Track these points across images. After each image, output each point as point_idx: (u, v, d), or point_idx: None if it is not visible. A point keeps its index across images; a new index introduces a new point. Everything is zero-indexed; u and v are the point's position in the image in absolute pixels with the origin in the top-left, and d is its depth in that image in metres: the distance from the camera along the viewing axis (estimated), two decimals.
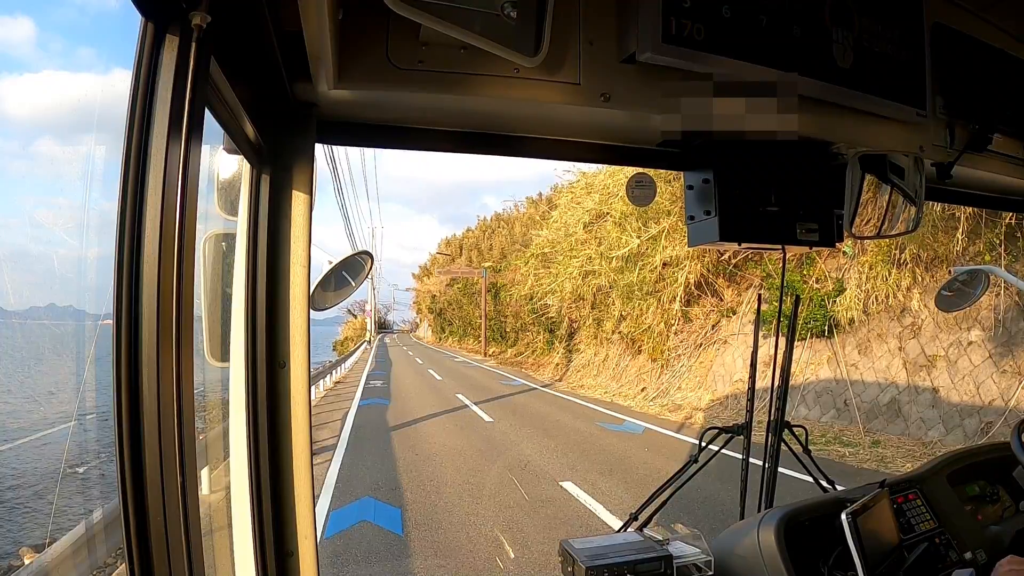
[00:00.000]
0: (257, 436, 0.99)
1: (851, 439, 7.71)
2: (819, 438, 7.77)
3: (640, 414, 11.03)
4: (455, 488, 6.08)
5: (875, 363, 8.42)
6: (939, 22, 1.39)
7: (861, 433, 7.86)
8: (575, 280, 14.30)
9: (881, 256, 8.49)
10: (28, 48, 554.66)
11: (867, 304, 8.69)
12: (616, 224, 12.88)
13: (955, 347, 7.48)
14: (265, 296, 1.00)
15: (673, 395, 11.96)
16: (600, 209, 13.65)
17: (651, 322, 13.01)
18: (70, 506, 5.85)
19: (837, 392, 8.76)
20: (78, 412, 6.25)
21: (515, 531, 4.78)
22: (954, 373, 7.34)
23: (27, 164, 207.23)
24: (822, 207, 1.33)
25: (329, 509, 5.41)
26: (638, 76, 1.09)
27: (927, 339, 7.88)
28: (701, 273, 12.06)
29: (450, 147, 1.23)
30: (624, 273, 12.78)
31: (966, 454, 1.80)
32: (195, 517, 0.65)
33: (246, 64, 0.86)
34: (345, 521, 5.09)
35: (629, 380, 13.99)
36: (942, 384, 7.41)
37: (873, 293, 8.60)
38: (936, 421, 7.23)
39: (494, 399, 13.23)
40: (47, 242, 8.76)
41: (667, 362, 12.89)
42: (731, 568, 1.38)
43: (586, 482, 6.17)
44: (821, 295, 9.37)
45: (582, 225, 14.18)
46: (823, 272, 9.54)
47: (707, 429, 1.75)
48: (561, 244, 15.29)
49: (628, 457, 7.40)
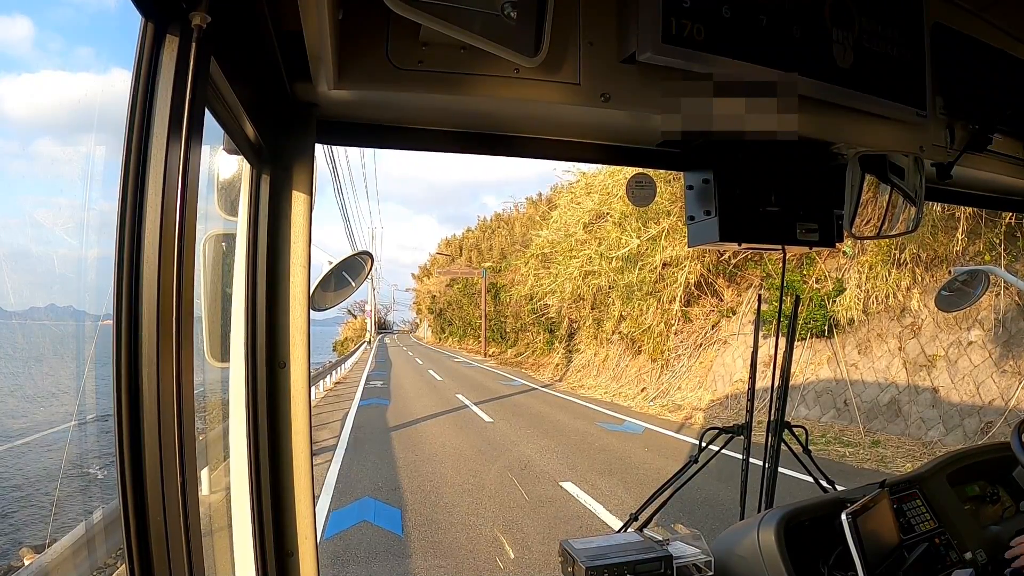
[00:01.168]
0: (257, 436, 0.99)
1: (851, 439, 7.71)
2: (819, 438, 7.77)
3: (640, 414, 11.02)
4: (455, 488, 6.07)
5: (875, 363, 8.42)
6: (939, 22, 1.39)
7: (861, 433, 7.85)
8: (575, 280, 14.28)
9: (881, 256, 8.48)
10: (27, 48, 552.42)
11: (867, 304, 8.68)
12: (616, 224, 12.89)
13: (955, 347, 7.47)
14: (265, 296, 1.00)
15: (673, 395, 11.96)
16: (600, 209, 13.65)
17: (651, 322, 13.01)
18: (70, 506, 5.85)
19: (837, 392, 8.75)
20: (78, 413, 6.24)
21: (515, 531, 4.79)
22: (954, 373, 7.33)
23: (26, 164, 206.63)
24: (822, 207, 1.33)
25: (329, 509, 5.41)
26: (638, 76, 1.09)
27: (927, 339, 7.86)
28: (701, 273, 12.06)
29: (450, 147, 1.23)
30: (624, 273, 12.78)
31: (966, 454, 1.80)
32: (195, 517, 0.65)
33: (246, 64, 0.86)
34: (345, 521, 5.08)
35: (629, 380, 13.98)
36: (942, 384, 7.40)
37: (873, 293, 8.59)
38: (936, 421, 7.22)
39: (494, 399, 13.19)
40: (47, 242, 8.76)
41: (667, 362, 12.89)
42: (731, 568, 1.38)
43: (586, 482, 6.17)
44: (821, 295, 9.36)
45: (582, 225, 14.18)
46: (823, 272, 9.53)
47: (707, 429, 1.75)
48: (561, 244, 15.30)
49: (628, 457, 7.39)
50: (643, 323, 13.18)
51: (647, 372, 13.47)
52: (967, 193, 1.79)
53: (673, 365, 12.68)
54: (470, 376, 19.82)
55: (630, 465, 6.95)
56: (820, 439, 7.73)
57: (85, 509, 4.81)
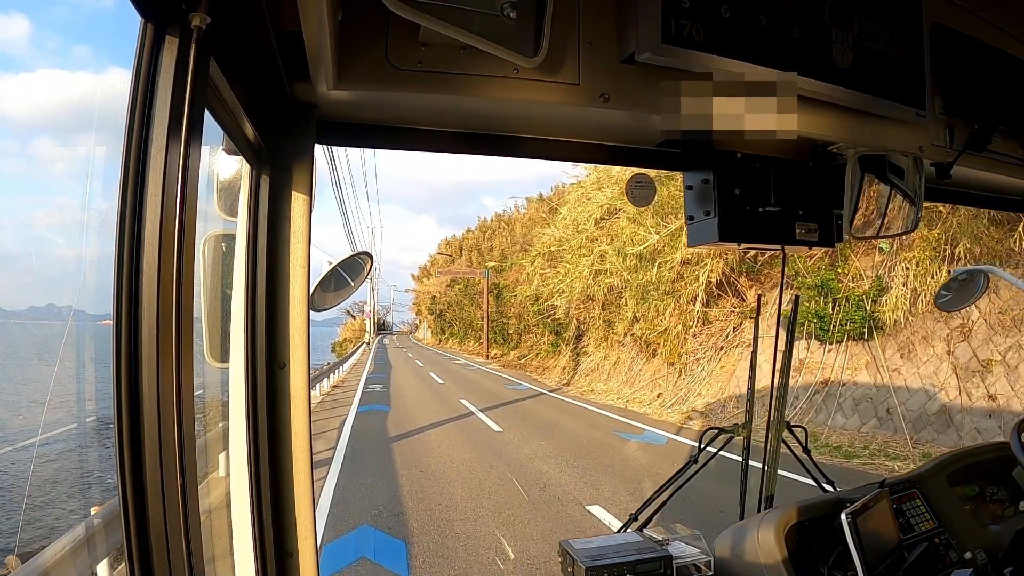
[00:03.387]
0: (257, 437, 0.99)
1: (898, 451, 7.10)
2: (862, 450, 7.25)
3: (659, 422, 10.49)
4: (466, 513, 5.45)
5: (920, 368, 7.74)
6: (938, 22, 1.40)
7: (909, 445, 7.19)
8: (585, 279, 13.77)
9: (929, 252, 7.85)
10: (25, 47, 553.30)
11: (915, 304, 8.01)
12: (631, 220, 12.36)
13: (1014, 350, 6.84)
14: (265, 297, 1.00)
15: (693, 401, 11.28)
16: (613, 204, 13.11)
17: (668, 324, 12.39)
18: (69, 506, 5.84)
19: (878, 400, 8.09)
20: (78, 413, 6.23)
21: (543, 570, 4.20)
22: (1015, 379, 6.70)
23: (26, 164, 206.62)
24: (821, 207, 1.33)
25: (321, 542, 4.71)
26: (637, 76, 1.09)
27: (980, 342, 7.22)
28: (723, 272, 11.50)
29: (450, 148, 1.23)
30: (639, 272, 12.27)
31: (966, 454, 1.80)
32: (195, 517, 0.65)
33: (246, 65, 0.86)
34: (340, 559, 4.43)
35: (643, 385, 13.35)
36: (1001, 391, 6.76)
37: (922, 291, 7.93)
38: (995, 431, 6.55)
39: (501, 405, 12.69)
40: (47, 243, 8.78)
41: (685, 366, 12.24)
42: (731, 568, 1.38)
43: (615, 504, 5.52)
44: (859, 295, 8.65)
45: (593, 221, 13.66)
46: (858, 271, 8.85)
47: (707, 429, 1.76)
48: (570, 242, 14.79)
49: (656, 472, 6.67)
50: (659, 325, 12.57)
51: (663, 376, 12.77)
52: (967, 193, 1.79)
53: (692, 369, 12.04)
54: (473, 379, 19.27)
55: (661, 481, 6.23)
56: (863, 451, 7.21)
57: (84, 509, 4.75)
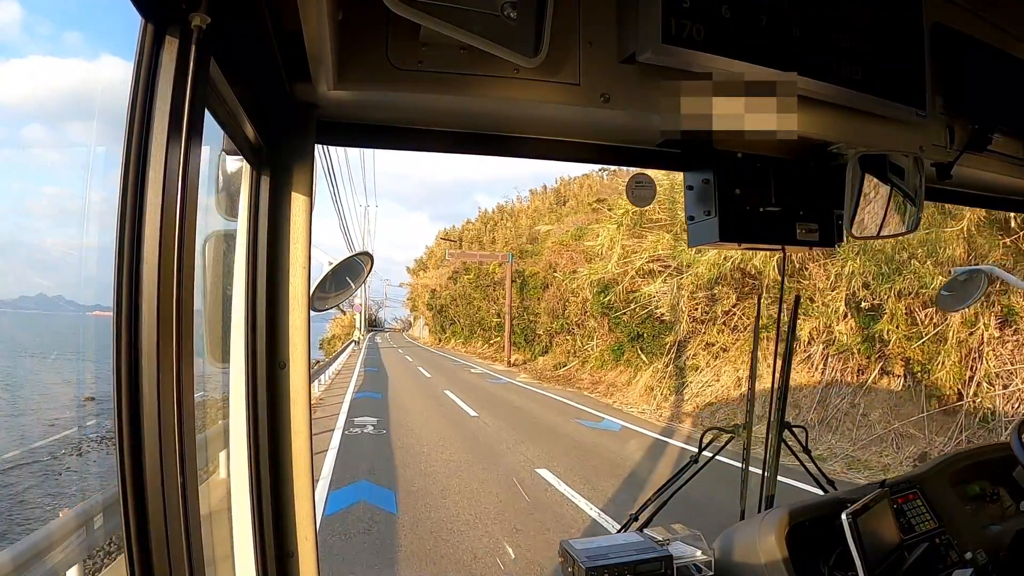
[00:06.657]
0: (257, 437, 0.99)
1: None
2: None
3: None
4: None
5: None
6: (939, 22, 1.39)
7: None
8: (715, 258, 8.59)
9: None
10: (24, 46, 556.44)
11: None
12: None
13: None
14: (265, 297, 1.00)
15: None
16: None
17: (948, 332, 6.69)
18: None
19: None
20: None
21: None
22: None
23: (26, 164, 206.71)
24: (822, 207, 1.33)
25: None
26: (638, 76, 1.10)
27: None
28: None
29: (450, 148, 1.23)
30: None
31: (966, 454, 1.80)
32: (195, 517, 0.65)
33: (246, 65, 0.86)
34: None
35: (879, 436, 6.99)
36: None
37: None
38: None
39: (612, 476, 6.40)
40: (46, 242, 8.79)
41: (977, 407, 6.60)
42: (731, 568, 1.38)
43: None
44: None
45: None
46: None
47: (707, 430, 1.75)
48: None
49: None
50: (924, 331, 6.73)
51: (918, 422, 6.61)
52: (967, 193, 1.79)
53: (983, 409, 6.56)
54: (512, 402, 12.54)
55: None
56: None
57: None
